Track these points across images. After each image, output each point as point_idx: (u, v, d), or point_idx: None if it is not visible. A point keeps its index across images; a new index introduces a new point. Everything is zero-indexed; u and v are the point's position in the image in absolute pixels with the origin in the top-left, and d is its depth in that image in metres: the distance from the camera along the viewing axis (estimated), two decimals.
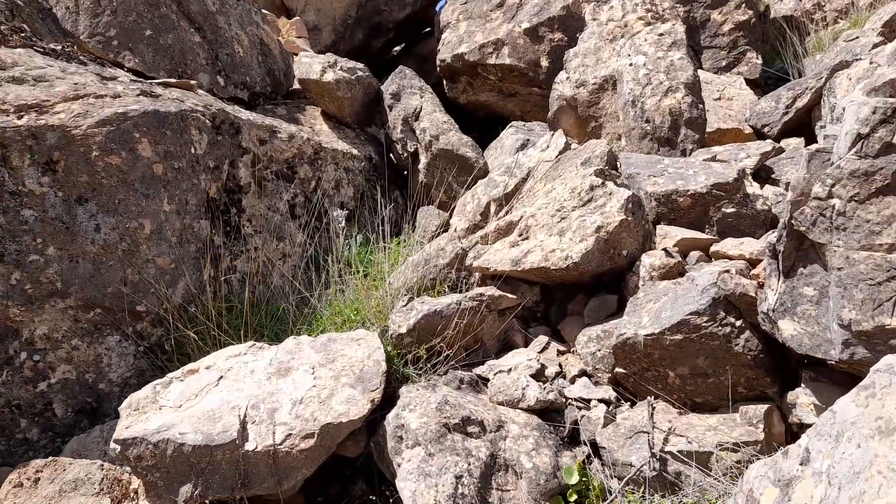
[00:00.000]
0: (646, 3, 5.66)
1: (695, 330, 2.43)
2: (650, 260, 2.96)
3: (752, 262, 2.69)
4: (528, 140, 5.71)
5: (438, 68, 7.95)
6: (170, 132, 3.62)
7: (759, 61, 6.99)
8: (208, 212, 3.90)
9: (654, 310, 2.62)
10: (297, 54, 7.39)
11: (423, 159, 5.40)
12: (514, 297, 3.20)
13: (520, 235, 3.30)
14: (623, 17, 5.69)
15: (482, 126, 9.31)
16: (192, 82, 4.36)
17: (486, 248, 3.45)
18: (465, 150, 5.26)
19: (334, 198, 4.97)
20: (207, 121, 3.92)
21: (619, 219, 3.00)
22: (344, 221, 4.38)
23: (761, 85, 7.14)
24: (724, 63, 7.07)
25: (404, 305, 3.26)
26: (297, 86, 6.14)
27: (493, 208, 4.86)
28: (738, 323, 2.43)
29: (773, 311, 2.20)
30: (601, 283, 3.25)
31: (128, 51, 4.75)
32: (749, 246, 2.77)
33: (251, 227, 4.23)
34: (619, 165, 4.05)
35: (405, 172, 5.74)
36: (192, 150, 3.77)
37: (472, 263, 3.41)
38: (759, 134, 5.33)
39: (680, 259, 2.99)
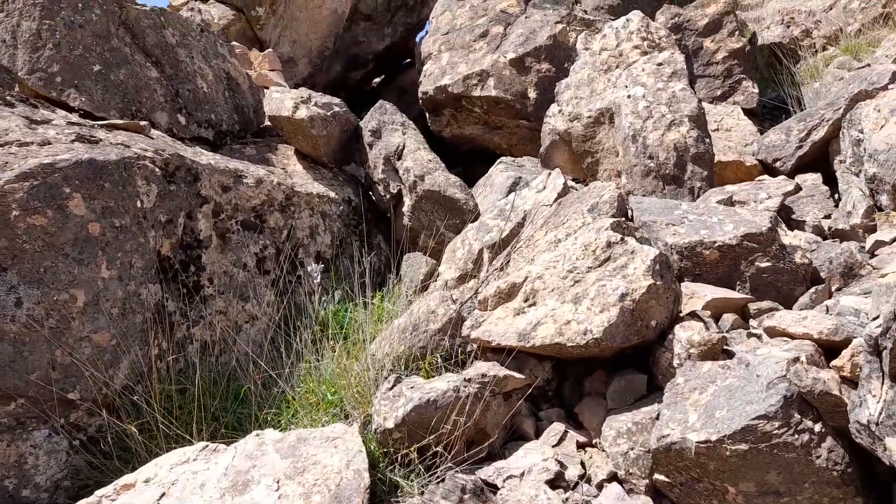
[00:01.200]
0: (641, 31, 5.23)
1: (764, 439, 1.89)
2: (686, 334, 2.42)
3: (822, 344, 2.17)
4: (519, 178, 5.21)
5: (420, 101, 7.47)
6: (109, 184, 3.03)
7: (756, 90, 6.60)
8: (159, 274, 3.29)
9: (702, 404, 2.08)
10: (269, 88, 6.85)
11: (408, 201, 4.86)
12: (522, 376, 2.64)
13: (525, 301, 2.74)
14: (617, 46, 5.25)
15: (467, 160, 8.82)
16: (143, 123, 3.78)
17: (485, 314, 2.88)
18: (454, 192, 4.73)
19: (309, 247, 4.39)
20: (157, 168, 3.33)
21: (647, 284, 2.47)
22: (319, 277, 3.80)
23: (758, 115, 6.75)
24: (718, 92, 6.67)
25: (390, 389, 2.67)
26: (268, 122, 5.59)
27: (486, 255, 4.32)
28: (818, 428, 1.90)
29: (877, 424, 1.68)
30: (623, 355, 2.70)
31: (73, 88, 4.16)
32: (816, 322, 2.24)
33: (212, 288, 3.63)
34: (629, 212, 3.54)
35: (388, 215, 5.19)
36: (138, 204, 3.17)
37: (470, 334, 2.84)
38: (768, 169, 4.87)
39: (724, 334, 2.45)
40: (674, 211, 3.30)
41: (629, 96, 4.85)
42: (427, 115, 7.66)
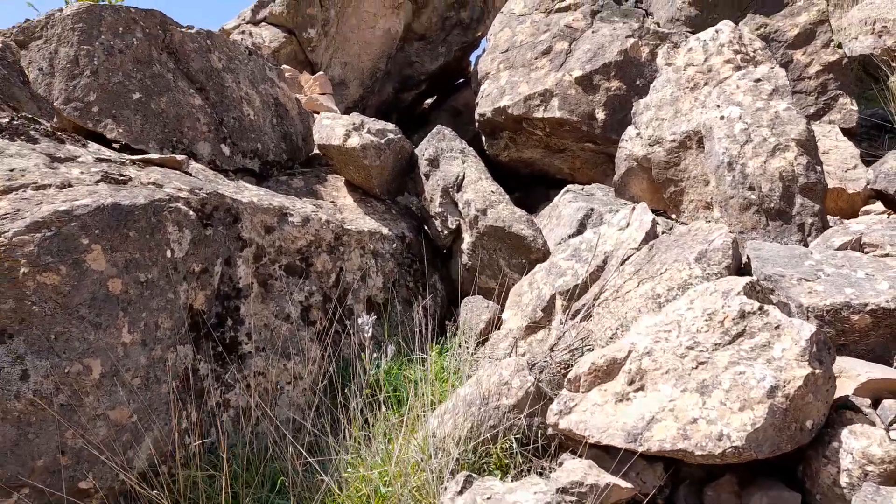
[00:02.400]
0: (733, 43, 4.58)
1: None
2: (859, 444, 1.79)
3: None
4: (591, 209, 4.61)
5: (477, 123, 6.96)
6: (134, 233, 2.60)
7: (855, 108, 5.83)
8: (190, 332, 2.84)
9: None
10: (319, 112, 6.48)
11: (468, 238, 4.33)
12: (629, 485, 2.05)
13: (630, 383, 2.15)
14: (706, 61, 4.62)
15: (525, 184, 8.26)
16: (181, 158, 3.37)
17: (576, 397, 2.30)
18: (520, 228, 4.17)
19: (359, 292, 3.90)
20: (192, 211, 2.89)
21: (803, 374, 1.86)
22: (371, 329, 3.29)
23: (856, 134, 5.96)
24: (812, 110, 5.92)
25: (459, 493, 2.11)
26: (317, 151, 5.17)
27: (559, 303, 3.74)
28: None
29: None
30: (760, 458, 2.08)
31: (110, 118, 3.81)
32: None
33: (251, 344, 3.16)
34: (743, 258, 2.90)
35: (445, 250, 4.67)
36: (169, 254, 2.74)
37: (559, 422, 2.26)
38: (889, 202, 4.13)
39: None
40: (803, 261, 2.65)
41: (722, 117, 4.20)
42: (483, 137, 7.15)
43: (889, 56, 7.84)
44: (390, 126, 4.71)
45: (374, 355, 3.36)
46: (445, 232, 4.42)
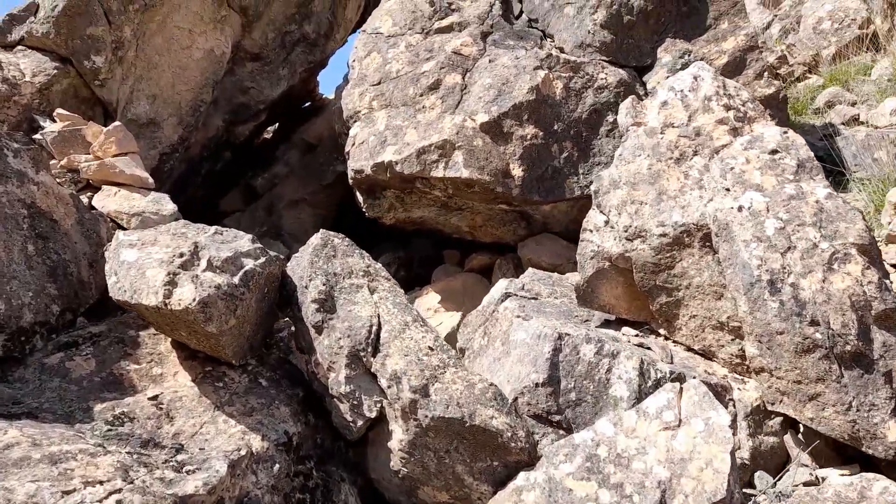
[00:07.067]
0: (721, 95, 3.28)
1: None
2: None
3: None
4: (559, 339, 3.07)
5: (351, 180, 5.15)
6: None
7: None
8: None
9: None
10: (116, 186, 4.24)
11: (400, 433, 2.57)
12: None
13: None
14: (690, 121, 3.27)
15: (404, 238, 6.60)
16: None
17: None
18: (488, 417, 2.50)
19: None
20: None
21: None
22: None
23: None
24: None
25: None
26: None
27: None
28: None
29: None
30: None
31: None
32: None
33: None
34: None
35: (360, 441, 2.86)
36: None
37: None
38: None
39: None
40: None
41: (741, 208, 2.88)
42: (358, 194, 5.35)
43: (770, 73, 7.29)
44: (244, 242, 2.78)
45: None
46: (360, 423, 2.63)
